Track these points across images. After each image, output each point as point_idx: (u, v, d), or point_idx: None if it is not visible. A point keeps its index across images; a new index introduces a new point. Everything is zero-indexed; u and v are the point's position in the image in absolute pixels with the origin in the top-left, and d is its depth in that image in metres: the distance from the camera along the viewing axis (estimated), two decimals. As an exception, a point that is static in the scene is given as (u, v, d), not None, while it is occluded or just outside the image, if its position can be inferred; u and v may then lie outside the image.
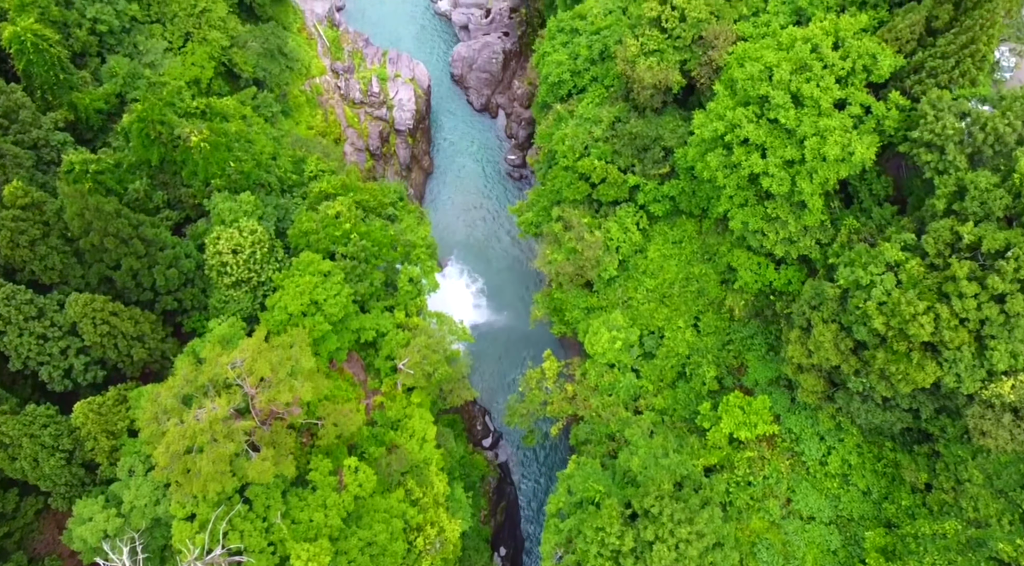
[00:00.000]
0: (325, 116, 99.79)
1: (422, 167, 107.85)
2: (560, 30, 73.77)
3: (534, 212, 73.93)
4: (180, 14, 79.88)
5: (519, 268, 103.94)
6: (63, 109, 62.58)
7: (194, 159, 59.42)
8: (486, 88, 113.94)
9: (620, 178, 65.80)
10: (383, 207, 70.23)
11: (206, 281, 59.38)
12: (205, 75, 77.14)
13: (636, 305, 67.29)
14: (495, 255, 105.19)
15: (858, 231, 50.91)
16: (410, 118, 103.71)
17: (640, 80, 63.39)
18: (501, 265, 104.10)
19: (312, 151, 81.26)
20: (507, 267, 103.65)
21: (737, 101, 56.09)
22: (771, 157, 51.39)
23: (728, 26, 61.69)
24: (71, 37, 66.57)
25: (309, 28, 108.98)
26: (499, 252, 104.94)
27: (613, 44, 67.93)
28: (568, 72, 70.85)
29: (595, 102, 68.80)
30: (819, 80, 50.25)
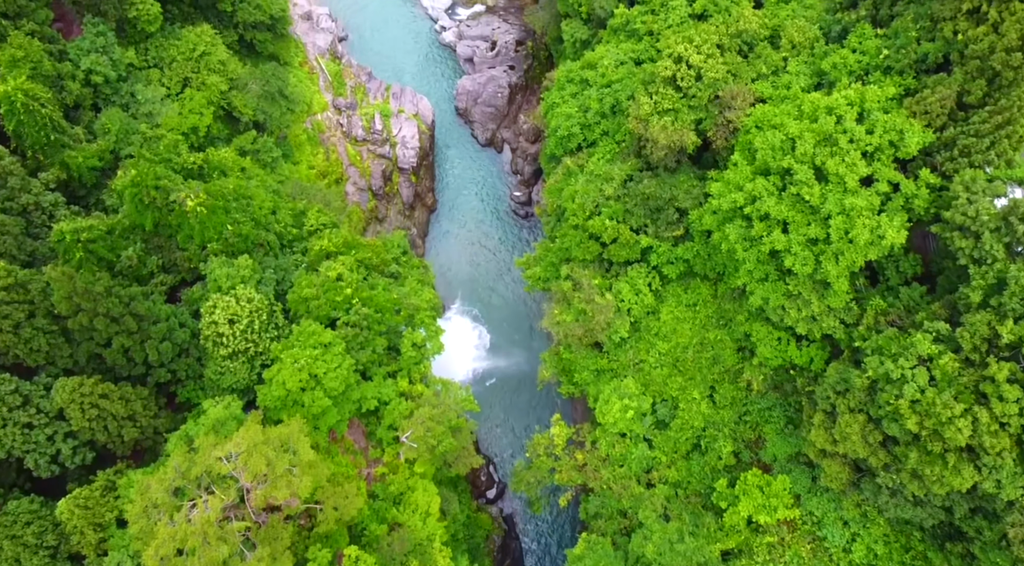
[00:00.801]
0: (327, 154, 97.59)
1: (425, 204, 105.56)
2: (569, 80, 71.50)
3: (542, 267, 71.52)
4: (178, 58, 77.74)
5: (524, 309, 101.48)
6: (55, 168, 60.33)
7: (190, 223, 57.11)
8: (491, 122, 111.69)
9: (632, 239, 63.41)
10: (386, 264, 67.84)
11: (201, 350, 56.96)
12: (203, 123, 74.89)
13: (648, 369, 64.78)
14: (500, 295, 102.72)
15: (885, 312, 48.42)
16: (414, 156, 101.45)
17: (654, 140, 61.05)
18: (506, 305, 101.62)
19: (313, 199, 78.97)
20: (512, 308, 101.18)
21: (756, 168, 53.76)
22: (794, 234, 48.98)
23: (746, 86, 59.37)
24: (64, 90, 64.36)
25: (311, 61, 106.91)
26: (504, 292, 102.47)
27: (625, 99, 65.64)
28: (578, 125, 68.54)
29: (606, 158, 66.48)
30: (844, 155, 47.85)
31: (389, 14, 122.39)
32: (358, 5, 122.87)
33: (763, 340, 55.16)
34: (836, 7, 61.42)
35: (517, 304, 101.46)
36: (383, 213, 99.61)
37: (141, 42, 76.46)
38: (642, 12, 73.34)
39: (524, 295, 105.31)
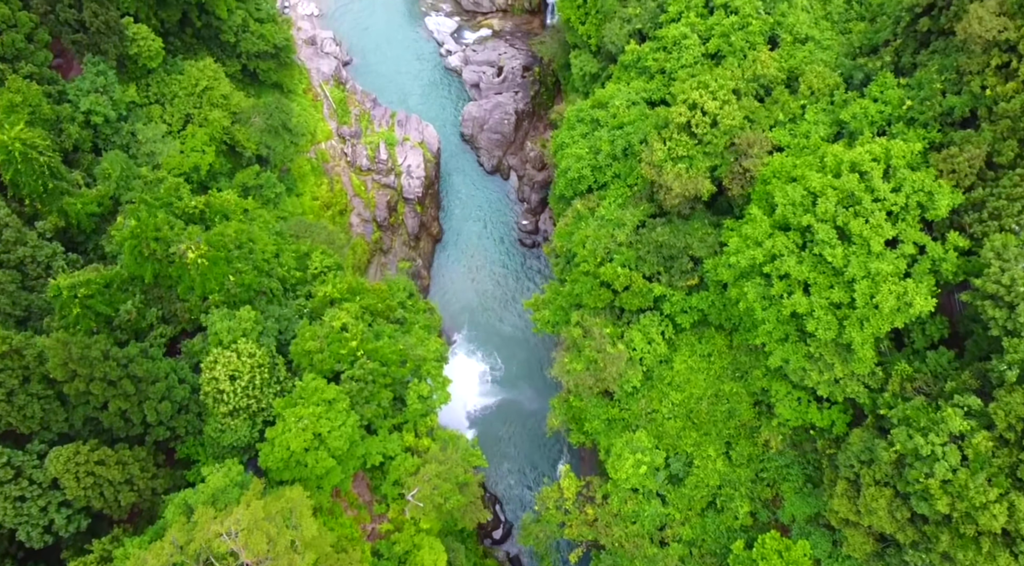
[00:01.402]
0: (331, 185, 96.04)
1: (431, 234, 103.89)
2: (579, 120, 69.82)
3: (551, 311, 69.73)
4: (180, 94, 76.27)
5: (532, 340, 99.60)
6: (53, 216, 58.82)
7: (191, 275, 55.48)
8: (497, 149, 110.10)
9: (645, 287, 61.63)
10: (391, 310, 66.16)
11: (201, 405, 55.28)
12: (205, 161, 73.33)
13: (661, 419, 62.93)
14: (506, 326, 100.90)
15: (912, 378, 46.55)
16: (419, 186, 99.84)
17: (667, 187, 59.32)
18: (513, 336, 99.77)
19: (316, 238, 77.30)
20: (519, 338, 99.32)
21: (775, 221, 51.97)
22: (816, 296, 47.16)
23: (763, 134, 57.66)
24: (63, 133, 62.85)
25: (315, 88, 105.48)
26: (510, 323, 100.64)
27: (637, 143, 63.94)
28: (588, 167, 66.84)
29: (617, 202, 64.75)
30: (869, 215, 46.05)
31: (394, 37, 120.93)
32: (363, 27, 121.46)
33: (782, 400, 53.32)
34: (855, 52, 59.72)
35: (524, 335, 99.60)
36: (388, 244, 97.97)
37: (142, 78, 75.02)
38: (653, 49, 71.71)
39: (530, 325, 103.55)
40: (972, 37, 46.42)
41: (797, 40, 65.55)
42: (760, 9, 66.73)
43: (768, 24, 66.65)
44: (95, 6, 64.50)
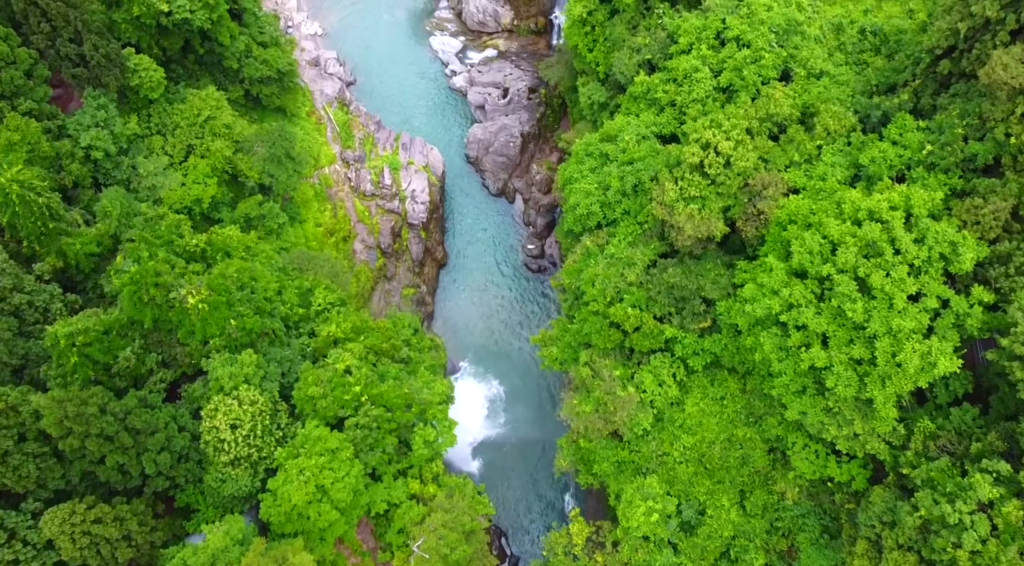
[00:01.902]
0: (334, 211, 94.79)
1: (435, 259, 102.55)
2: (588, 153, 68.46)
3: (559, 348, 68.28)
4: (182, 125, 75.06)
5: (537, 367, 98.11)
6: (51, 257, 57.59)
7: (191, 320, 54.18)
8: (503, 172, 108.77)
9: (656, 329, 60.16)
10: (396, 350, 64.79)
11: (202, 452, 53.92)
12: (207, 194, 72.12)
13: (672, 463, 61.40)
14: (512, 354, 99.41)
15: (935, 436, 45.02)
16: (423, 211, 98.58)
17: (679, 228, 57.93)
18: (518, 363, 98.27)
19: (320, 270, 76.05)
20: (525, 366, 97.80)
21: (791, 267, 50.53)
22: (835, 351, 45.65)
23: (778, 175, 56.24)
24: (63, 170, 61.68)
25: (319, 110, 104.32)
26: (517, 351, 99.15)
27: (648, 180, 62.55)
28: (598, 204, 65.46)
29: (627, 240, 63.34)
30: (890, 268, 44.57)
31: (398, 57, 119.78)
32: (366, 47, 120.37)
33: (798, 452, 51.77)
34: (872, 89, 58.31)
35: (529, 361, 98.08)
36: (392, 271, 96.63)
37: (143, 108, 73.88)
38: (663, 80, 70.38)
39: (533, 350, 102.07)
40: (996, 83, 45.00)
41: (811, 75, 64.21)
42: (773, 42, 65.44)
43: (781, 58, 65.33)
44: (96, 39, 63.40)
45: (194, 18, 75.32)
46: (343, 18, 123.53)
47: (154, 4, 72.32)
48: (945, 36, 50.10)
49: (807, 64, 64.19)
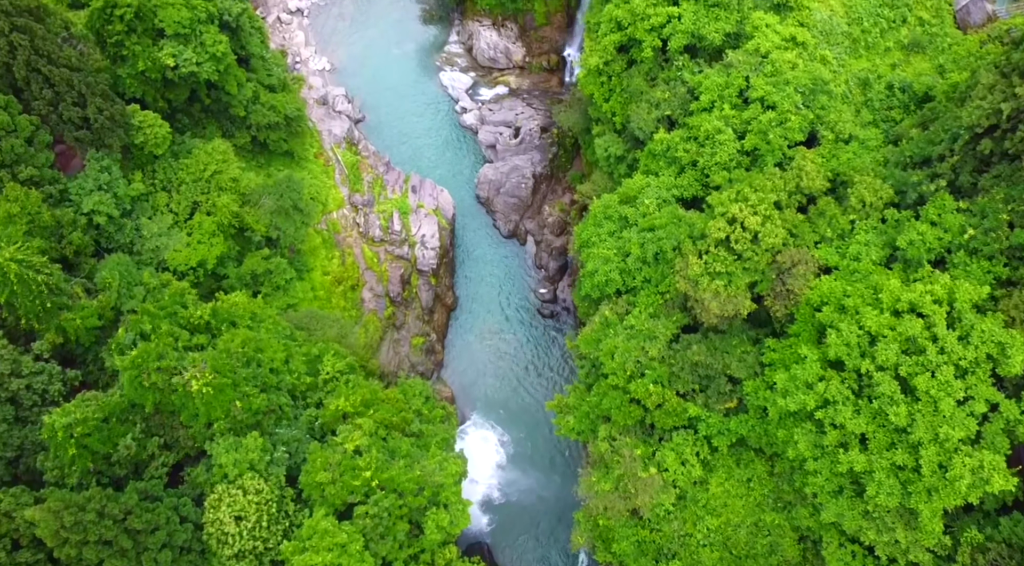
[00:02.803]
0: (343, 258, 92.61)
1: (445, 304, 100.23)
2: (607, 216, 66.08)
3: (576, 418, 65.74)
4: (187, 180, 73.05)
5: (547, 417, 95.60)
6: (51, 333, 55.48)
7: (195, 404, 51.92)
8: (514, 213, 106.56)
9: (679, 407, 57.68)
10: (407, 423, 62.38)
11: (204, 543, 51.53)
12: (212, 254, 70.05)
13: (695, 546, 58.68)
14: (522, 401, 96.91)
15: (984, 549, 42.33)
16: (433, 257, 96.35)
17: (704, 305, 55.46)
18: (531, 417, 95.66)
19: (328, 330, 74.00)
20: (537, 419, 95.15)
21: (824, 353, 48.01)
22: (876, 455, 43.05)
23: (808, 252, 53.77)
24: (64, 239, 59.64)
25: (327, 151, 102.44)
26: (529, 401, 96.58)
27: (670, 250, 60.09)
28: (617, 271, 63.01)
29: (648, 311, 60.83)
30: (935, 369, 42.00)
31: (408, 92, 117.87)
32: (375, 83, 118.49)
33: (832, 552, 49.00)
34: (906, 161, 55.83)
35: (541, 413, 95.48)
36: (401, 320, 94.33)
37: (148, 164, 71.96)
38: (684, 138, 68.09)
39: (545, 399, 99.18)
40: (1046, 170, 42.55)
41: (840, 139, 61.86)
42: (799, 103, 63.10)
43: (808, 120, 63.01)
44: (100, 101, 61.47)
45: (201, 71, 73.57)
46: (351, 52, 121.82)
47: (160, 59, 70.58)
48: (986, 115, 47.67)
49: (835, 127, 61.85)
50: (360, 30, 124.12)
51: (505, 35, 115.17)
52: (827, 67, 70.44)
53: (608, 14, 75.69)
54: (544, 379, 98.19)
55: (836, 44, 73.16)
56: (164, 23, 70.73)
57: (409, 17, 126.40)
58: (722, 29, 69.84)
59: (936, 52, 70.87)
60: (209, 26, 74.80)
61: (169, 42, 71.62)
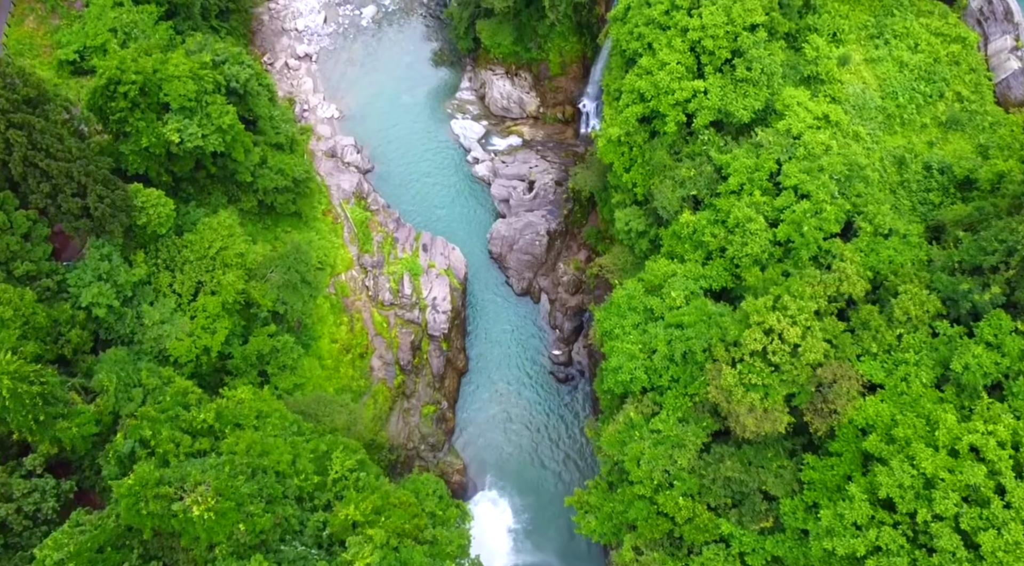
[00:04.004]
0: (351, 324, 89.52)
1: (456, 368, 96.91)
2: (631, 308, 62.81)
3: (598, 520, 62.30)
4: (192, 259, 70.10)
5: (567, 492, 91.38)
6: (45, 444, 52.43)
7: (196, 528, 48.68)
8: (528, 271, 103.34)
9: (711, 522, 54.21)
10: (420, 530, 58.99)
11: None
12: (216, 341, 66.97)
13: (726, 668, 55.10)
14: (536, 472, 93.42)
15: None
16: (445, 321, 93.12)
17: (738, 419, 52.04)
18: (545, 488, 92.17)
19: (336, 417, 70.86)
20: (552, 491, 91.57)
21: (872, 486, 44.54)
22: (936, 616, 39.51)
23: (851, 367, 50.34)
24: (61, 338, 56.66)
25: (335, 208, 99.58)
26: (542, 472, 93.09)
27: (700, 351, 56.74)
28: (642, 368, 59.68)
29: (676, 415, 57.43)
30: (1002, 526, 38.51)
31: (418, 142, 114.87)
32: (385, 131, 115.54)
33: None
34: (953, 267, 52.44)
35: (558, 486, 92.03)
36: (411, 388, 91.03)
37: (151, 243, 69.09)
38: (711, 221, 64.88)
39: (561, 470, 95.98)
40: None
41: (879, 232, 58.52)
42: (835, 192, 59.87)
43: (844, 210, 59.78)
44: (101, 189, 58.59)
45: (207, 144, 70.75)
46: (361, 99, 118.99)
47: (164, 134, 67.87)
48: (1049, 233, 44.34)
49: (874, 220, 58.54)
50: (370, 74, 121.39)
51: (519, 85, 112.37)
52: (860, 144, 67.38)
53: (630, 84, 72.72)
54: (560, 448, 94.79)
55: (870, 119, 69.97)
56: (169, 97, 68.07)
57: (420, 60, 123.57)
58: (751, 106, 66.80)
59: (976, 130, 67.59)
60: (216, 96, 72.08)
61: (174, 116, 68.88)
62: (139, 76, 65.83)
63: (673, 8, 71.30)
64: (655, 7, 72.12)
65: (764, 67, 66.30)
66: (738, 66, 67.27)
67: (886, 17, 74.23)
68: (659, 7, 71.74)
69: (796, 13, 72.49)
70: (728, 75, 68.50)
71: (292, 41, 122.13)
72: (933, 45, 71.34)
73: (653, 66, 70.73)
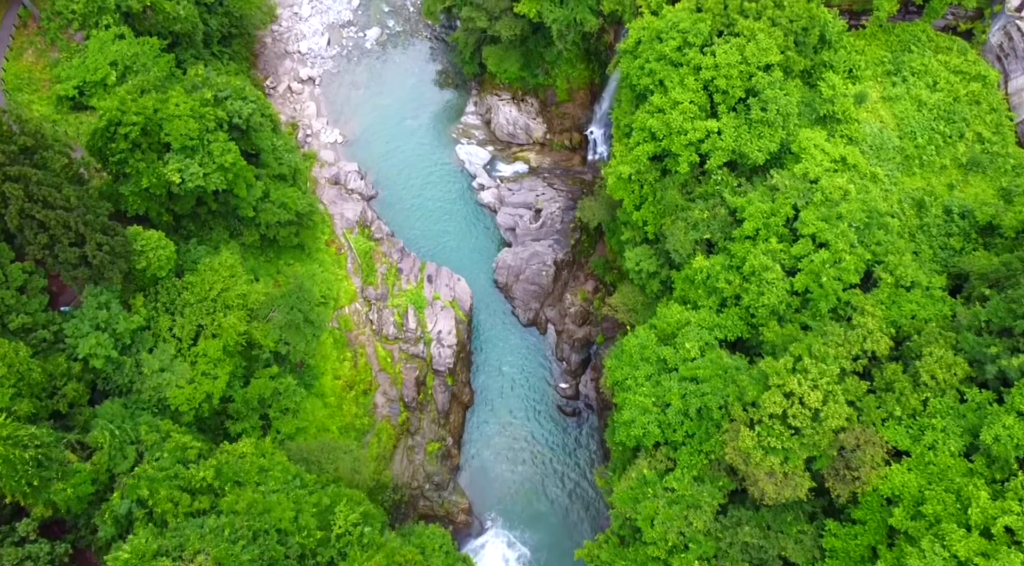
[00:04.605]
0: (355, 359, 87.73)
1: (461, 402, 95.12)
2: (643, 358, 60.99)
3: (610, 576, 60.46)
4: (192, 302, 68.38)
5: (574, 530, 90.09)
6: (39, 507, 50.69)
7: (195, 600, 46.97)
8: (534, 301, 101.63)
9: (728, 589, 52.39)
10: (426, 591, 57.30)
11: None
12: (218, 388, 65.20)
13: None
14: (544, 513, 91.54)
15: None
16: (450, 355, 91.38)
17: (757, 483, 50.18)
18: (551, 526, 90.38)
19: (340, 464, 69.02)
20: (558, 530, 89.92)
21: (899, 561, 42.71)
22: None
23: (876, 433, 48.51)
24: (56, 393, 54.98)
25: (339, 238, 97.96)
26: (549, 508, 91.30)
27: (716, 408, 54.95)
28: (655, 423, 57.88)
29: (692, 473, 55.59)
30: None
31: (422, 167, 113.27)
32: (389, 156, 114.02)
33: None
34: (980, 326, 50.61)
35: (565, 523, 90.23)
36: (415, 425, 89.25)
37: (150, 286, 67.45)
38: (726, 267, 63.11)
39: (568, 506, 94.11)
40: None
41: (900, 284, 56.70)
42: (854, 242, 58.07)
43: (864, 260, 57.99)
44: (99, 237, 56.88)
45: (208, 182, 69.13)
46: (365, 123, 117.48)
47: (165, 175, 66.30)
48: (1085, 301, 42.51)
49: (895, 271, 56.72)
50: (374, 97, 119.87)
51: (525, 110, 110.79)
52: (878, 186, 65.74)
53: (641, 122, 70.97)
54: (567, 484, 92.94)
55: (888, 160, 68.28)
56: (171, 137, 66.47)
57: (425, 82, 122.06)
58: (766, 148, 65.09)
59: (997, 173, 65.87)
60: (218, 133, 70.50)
61: (175, 156, 67.29)
62: (140, 117, 64.29)
63: (685, 45, 69.69)
64: (667, 43, 70.45)
65: (780, 108, 64.60)
66: (753, 106, 65.59)
67: (903, 53, 72.58)
68: (671, 43, 70.07)
69: (811, 49, 70.86)
70: (742, 115, 66.81)
71: (295, 64, 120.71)
72: (952, 83, 69.67)
73: (665, 104, 69.05)
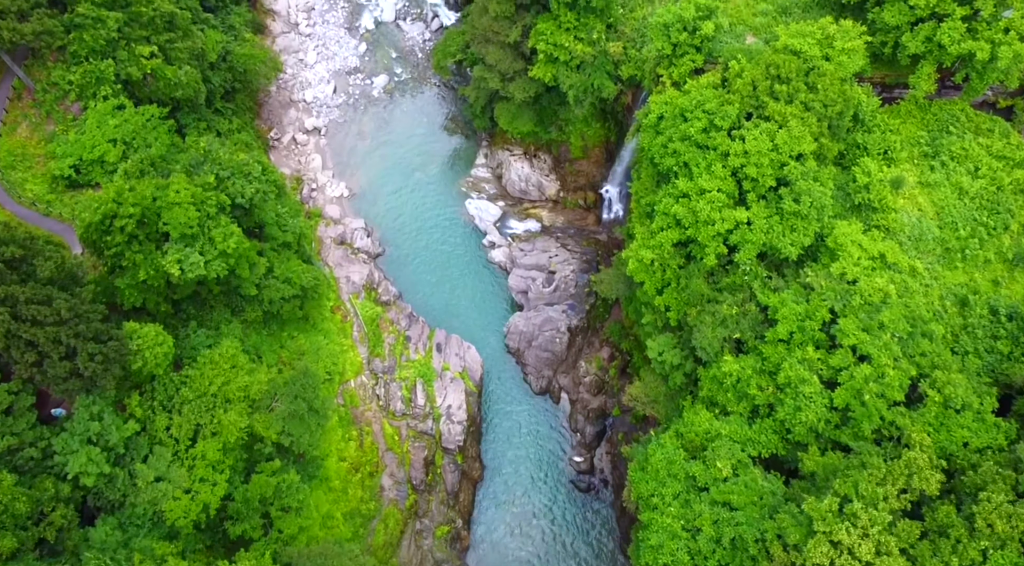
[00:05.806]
0: (361, 439, 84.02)
1: (471, 479, 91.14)
2: (671, 475, 57.02)
3: None
4: (190, 398, 64.84)
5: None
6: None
7: None
8: (547, 368, 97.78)
9: None
10: None
11: None
12: (216, 496, 61.51)
13: None
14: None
15: None
16: (460, 432, 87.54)
17: (800, 635, 46.33)
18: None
19: (345, 565, 65.23)
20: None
21: None
22: None
23: (931, 588, 44.56)
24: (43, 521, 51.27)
25: (345, 303, 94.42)
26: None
27: (752, 541, 51.04)
28: (685, 550, 53.96)
29: (726, 610, 51.73)
30: None
31: (431, 223, 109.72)
32: (396, 210, 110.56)
33: None
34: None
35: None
36: (424, 508, 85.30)
37: (147, 382, 63.96)
38: (757, 372, 59.31)
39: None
40: None
41: (949, 405, 52.80)
42: (898, 356, 54.27)
43: (908, 375, 54.14)
44: (92, 346, 53.37)
45: (209, 270, 65.66)
46: (371, 176, 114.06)
47: (164, 267, 62.88)
48: None
49: (943, 389, 52.86)
50: (381, 148, 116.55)
51: (538, 167, 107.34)
52: (918, 279, 61.98)
53: (665, 207, 67.34)
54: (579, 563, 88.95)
55: (927, 252, 64.58)
56: (170, 226, 63.11)
57: (433, 132, 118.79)
58: (799, 242, 61.44)
59: (1046, 270, 62.16)
60: (219, 218, 67.15)
61: (174, 245, 63.90)
62: (136, 208, 60.97)
63: (712, 128, 66.17)
64: (692, 124, 66.94)
65: (814, 200, 60.97)
66: (785, 197, 61.97)
67: (941, 135, 68.96)
68: (696, 125, 66.56)
69: (844, 131, 67.29)
70: (773, 204, 63.20)
71: (300, 113, 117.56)
72: (995, 169, 65.98)
73: (691, 190, 65.48)
